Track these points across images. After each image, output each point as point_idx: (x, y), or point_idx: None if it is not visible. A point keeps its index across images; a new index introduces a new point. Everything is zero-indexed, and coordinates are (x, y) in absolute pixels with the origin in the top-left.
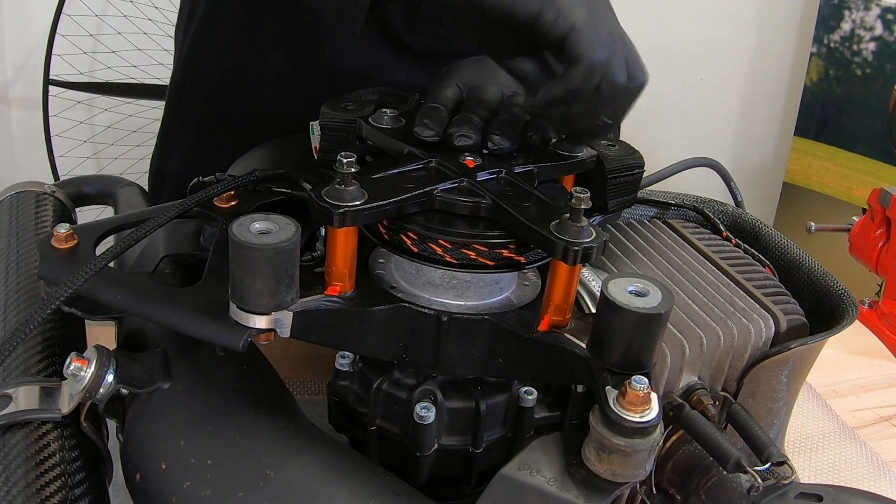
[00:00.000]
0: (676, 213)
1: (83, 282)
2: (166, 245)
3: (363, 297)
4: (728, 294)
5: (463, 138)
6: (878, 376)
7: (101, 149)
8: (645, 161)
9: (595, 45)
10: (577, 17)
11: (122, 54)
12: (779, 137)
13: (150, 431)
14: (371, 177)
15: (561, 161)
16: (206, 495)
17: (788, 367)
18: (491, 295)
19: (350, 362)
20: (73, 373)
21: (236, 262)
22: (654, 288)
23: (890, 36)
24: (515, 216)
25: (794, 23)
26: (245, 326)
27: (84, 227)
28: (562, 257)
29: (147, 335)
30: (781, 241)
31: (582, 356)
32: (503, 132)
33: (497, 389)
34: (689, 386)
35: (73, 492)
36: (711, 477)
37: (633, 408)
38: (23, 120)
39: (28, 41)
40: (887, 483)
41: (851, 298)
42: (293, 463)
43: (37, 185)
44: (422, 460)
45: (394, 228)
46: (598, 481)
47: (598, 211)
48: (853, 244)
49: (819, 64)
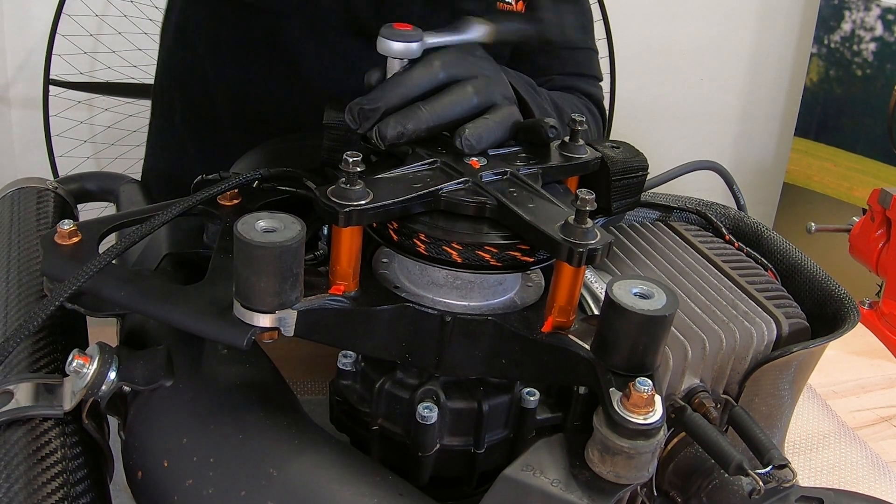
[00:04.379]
0: (679, 215)
1: (86, 279)
2: (169, 242)
3: (367, 296)
4: (730, 297)
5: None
6: (878, 377)
7: (101, 149)
8: None
9: None
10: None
11: (122, 54)
12: (779, 138)
13: (152, 429)
14: (376, 176)
15: (565, 163)
16: (208, 494)
17: (790, 370)
18: (495, 296)
19: (352, 362)
20: (76, 370)
21: (241, 261)
22: (658, 290)
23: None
24: (521, 217)
25: (795, 23)
26: (249, 325)
27: (87, 223)
28: (566, 259)
29: (149, 332)
30: (783, 244)
31: (586, 358)
32: (475, 133)
33: (499, 390)
34: (691, 388)
35: (75, 489)
36: (713, 479)
37: (636, 410)
38: (23, 120)
39: (28, 41)
40: (887, 483)
41: (853, 302)
42: (296, 462)
43: (39, 182)
44: (424, 460)
45: (405, 232)
46: (601, 483)
47: (601, 213)
48: (853, 245)
49: (819, 64)
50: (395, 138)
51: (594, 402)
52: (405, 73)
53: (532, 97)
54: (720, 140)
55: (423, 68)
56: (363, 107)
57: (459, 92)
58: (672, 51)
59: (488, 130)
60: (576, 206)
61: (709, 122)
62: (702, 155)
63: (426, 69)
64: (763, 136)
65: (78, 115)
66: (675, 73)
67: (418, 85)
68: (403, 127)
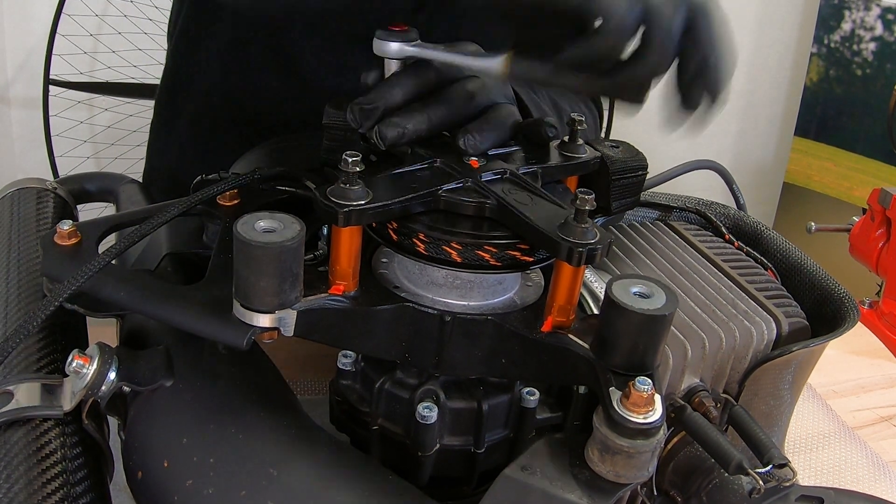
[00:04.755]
0: (679, 215)
1: (86, 279)
2: (169, 242)
3: (367, 296)
4: (730, 296)
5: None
6: (879, 376)
7: (101, 149)
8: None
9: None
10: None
11: (122, 54)
12: (779, 137)
13: (152, 429)
14: (375, 176)
15: (565, 162)
16: (208, 494)
17: (790, 369)
18: (494, 295)
19: (352, 361)
20: (76, 370)
21: (241, 261)
22: (658, 290)
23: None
24: (520, 217)
25: (795, 23)
26: (249, 325)
27: (87, 223)
28: (566, 258)
29: (149, 332)
30: (783, 243)
31: (586, 357)
32: (478, 133)
33: (499, 390)
34: (690, 388)
35: (75, 489)
36: (713, 479)
37: (636, 409)
38: (23, 120)
39: (28, 41)
40: (887, 483)
41: (853, 302)
42: (296, 462)
43: (38, 182)
44: (423, 460)
45: (404, 232)
46: (601, 482)
47: (601, 212)
48: (853, 244)
49: (819, 64)
50: (396, 138)
51: (594, 401)
52: (404, 73)
53: (531, 97)
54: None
55: (422, 68)
56: (363, 106)
57: (458, 91)
58: None
59: (491, 130)
60: (575, 205)
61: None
62: (702, 154)
63: (425, 68)
64: (763, 135)
65: (78, 115)
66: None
67: (417, 84)
68: (404, 127)
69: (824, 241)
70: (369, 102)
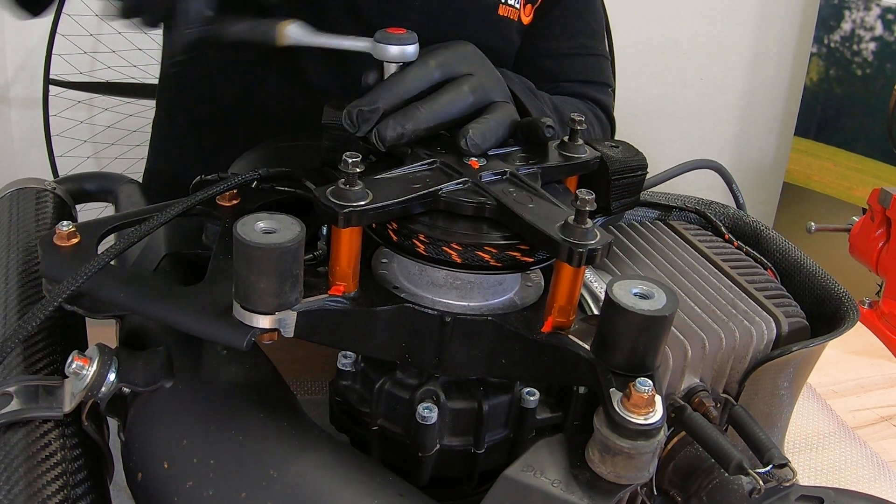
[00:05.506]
0: (678, 215)
1: (85, 279)
2: (168, 243)
3: (367, 297)
4: (730, 296)
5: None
6: (878, 376)
7: (101, 149)
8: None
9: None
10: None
11: (122, 54)
12: (779, 137)
13: (152, 430)
14: (375, 177)
15: (565, 162)
16: (208, 495)
17: (790, 369)
18: (494, 296)
19: (352, 362)
20: (75, 371)
21: (240, 262)
22: (658, 290)
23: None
24: (520, 217)
25: (795, 23)
26: (249, 326)
27: (86, 224)
28: (566, 259)
29: (149, 334)
30: (783, 243)
31: (586, 358)
32: (479, 133)
33: (499, 390)
34: (690, 388)
35: (75, 491)
36: (713, 479)
37: (637, 410)
38: (23, 120)
39: (28, 41)
40: (887, 483)
41: (853, 301)
42: (296, 463)
43: (37, 182)
44: (424, 460)
45: (404, 232)
46: (601, 483)
47: (600, 212)
48: (853, 244)
49: (819, 64)
50: (395, 139)
51: (594, 402)
52: (401, 74)
53: (530, 99)
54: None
55: (419, 68)
56: (362, 109)
57: (456, 90)
58: (672, 50)
59: (491, 130)
60: (575, 205)
61: (708, 122)
62: (701, 154)
63: (422, 69)
64: (763, 135)
65: (78, 115)
66: (675, 73)
67: (415, 85)
68: (402, 128)
69: (824, 241)
70: (368, 105)
